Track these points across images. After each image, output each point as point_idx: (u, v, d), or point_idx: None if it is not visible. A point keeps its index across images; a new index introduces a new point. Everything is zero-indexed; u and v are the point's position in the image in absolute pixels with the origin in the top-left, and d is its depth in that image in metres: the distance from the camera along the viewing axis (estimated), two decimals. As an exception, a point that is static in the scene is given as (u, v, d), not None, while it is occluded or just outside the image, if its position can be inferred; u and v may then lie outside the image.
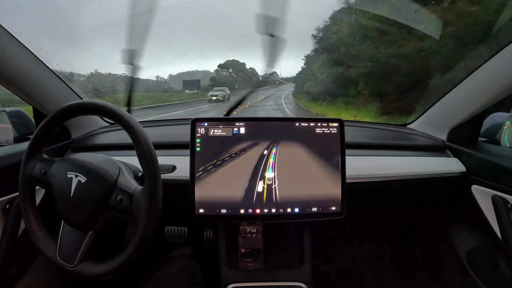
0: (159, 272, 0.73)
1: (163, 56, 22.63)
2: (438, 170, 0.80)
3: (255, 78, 15.48)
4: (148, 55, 1.10)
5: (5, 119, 0.81)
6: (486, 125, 0.85)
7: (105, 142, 0.91)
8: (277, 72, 7.67)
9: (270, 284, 0.76)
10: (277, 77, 7.01)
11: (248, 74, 15.49)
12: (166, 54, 21.83)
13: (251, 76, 14.93)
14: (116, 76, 0.84)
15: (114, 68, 1.04)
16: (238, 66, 16.23)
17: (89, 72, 0.80)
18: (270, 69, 0.98)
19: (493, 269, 0.77)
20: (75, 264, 0.53)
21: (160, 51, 18.49)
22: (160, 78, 11.68)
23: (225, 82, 13.59)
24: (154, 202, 0.50)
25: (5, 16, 0.63)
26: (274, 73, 6.55)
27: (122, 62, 0.87)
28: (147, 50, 0.89)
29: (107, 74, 1.13)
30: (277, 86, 9.84)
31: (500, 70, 0.67)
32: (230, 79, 14.87)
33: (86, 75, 0.80)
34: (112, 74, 1.12)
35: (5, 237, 0.69)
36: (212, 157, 0.67)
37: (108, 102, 0.54)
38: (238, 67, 16.11)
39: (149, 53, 5.56)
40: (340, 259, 1.11)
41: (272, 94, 8.99)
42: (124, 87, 0.88)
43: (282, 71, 11.56)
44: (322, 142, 0.69)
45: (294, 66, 19.77)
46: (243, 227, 0.78)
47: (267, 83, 8.93)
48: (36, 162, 0.58)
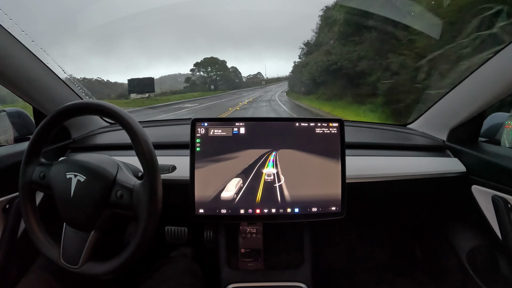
0: (159, 272, 0.73)
1: (138, 61, 22.69)
2: (438, 170, 0.80)
3: (238, 78, 14.05)
4: (124, 60, 1.09)
5: (5, 119, 0.81)
6: (486, 125, 0.85)
7: (105, 142, 0.91)
8: (262, 72, 7.40)
9: (270, 284, 0.76)
10: (262, 77, 6.76)
11: (229, 74, 14.10)
12: (141, 59, 21.83)
13: (233, 76, 13.65)
14: (92, 80, 0.84)
15: (88, 72, 1.01)
16: (218, 65, 14.92)
17: (64, 77, 0.81)
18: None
19: (493, 269, 0.77)
20: (79, 265, 0.53)
21: (136, 55, 18.46)
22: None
23: (203, 83, 12.28)
24: (154, 201, 0.50)
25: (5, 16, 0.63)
26: (259, 74, 6.36)
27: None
28: (123, 55, 0.88)
29: (82, 78, 1.10)
30: (263, 86, 9.36)
31: (500, 70, 0.67)
32: (209, 79, 13.40)
33: (63, 79, 0.81)
34: (87, 78, 1.09)
35: (5, 237, 0.69)
36: (212, 157, 0.67)
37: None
38: (218, 65, 14.86)
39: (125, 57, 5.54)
40: (340, 259, 1.11)
41: (259, 97, 8.06)
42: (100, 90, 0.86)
43: (268, 71, 11.25)
44: (322, 142, 0.69)
45: (280, 67, 19.72)
46: (243, 227, 0.78)
47: (252, 83, 8.42)
48: (35, 166, 0.58)
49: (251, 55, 59.16)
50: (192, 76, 13.51)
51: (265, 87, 9.11)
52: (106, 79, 3.52)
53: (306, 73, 8.16)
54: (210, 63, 14.39)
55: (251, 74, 10.12)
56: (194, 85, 11.37)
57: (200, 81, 12.96)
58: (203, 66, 14.34)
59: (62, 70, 0.81)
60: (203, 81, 13.04)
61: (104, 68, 34.51)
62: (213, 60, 14.80)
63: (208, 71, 14.13)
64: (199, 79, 13.25)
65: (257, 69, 27.98)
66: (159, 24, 27.54)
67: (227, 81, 13.62)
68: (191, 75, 13.50)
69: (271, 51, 17.58)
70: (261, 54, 56.09)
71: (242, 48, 19.20)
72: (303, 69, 8.27)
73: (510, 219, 0.67)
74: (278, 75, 9.82)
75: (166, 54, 35.20)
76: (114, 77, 10.55)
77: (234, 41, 20.46)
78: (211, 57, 15.40)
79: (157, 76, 18.96)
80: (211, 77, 13.48)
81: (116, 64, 10.02)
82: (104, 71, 26.80)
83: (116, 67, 9.32)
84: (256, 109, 7.30)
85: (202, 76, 13.66)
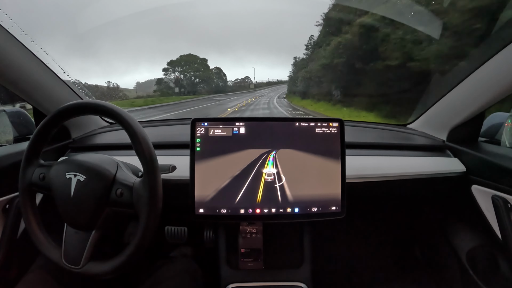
0: (159, 272, 0.73)
1: (118, 66, 22.46)
2: (438, 170, 0.80)
3: (222, 81, 10.91)
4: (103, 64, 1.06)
5: (5, 119, 0.81)
6: (486, 125, 0.85)
7: (105, 142, 0.91)
8: (250, 76, 6.28)
9: (270, 284, 0.76)
10: (250, 81, 5.69)
11: (211, 75, 11.11)
12: (121, 63, 21.48)
13: (216, 78, 10.42)
14: (70, 82, 0.84)
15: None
16: (198, 64, 11.67)
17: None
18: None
19: (493, 269, 0.77)
20: (81, 266, 0.53)
21: (115, 60, 18.03)
22: (112, 83, 8.98)
23: (182, 86, 9.28)
24: (154, 198, 0.50)
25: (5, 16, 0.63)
26: (247, 77, 5.25)
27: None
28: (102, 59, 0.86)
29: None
30: (253, 90, 8.06)
31: (500, 70, 0.67)
32: (186, 81, 10.82)
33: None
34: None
35: (5, 237, 0.69)
36: (212, 157, 0.67)
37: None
38: (198, 64, 11.60)
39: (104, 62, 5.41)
40: (340, 259, 1.11)
41: (250, 105, 6.28)
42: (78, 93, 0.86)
43: (257, 75, 9.75)
44: (322, 142, 0.69)
45: (267, 71, 19.14)
46: (243, 227, 0.78)
47: (240, 87, 6.86)
48: (35, 168, 0.58)
49: (238, 60, 56.02)
50: (165, 78, 10.90)
51: (254, 91, 7.92)
52: (84, 82, 3.37)
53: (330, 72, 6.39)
54: (188, 62, 11.49)
55: (238, 78, 8.59)
56: (169, 88, 9.60)
57: (179, 83, 10.22)
58: (179, 65, 11.43)
59: (62, 70, 0.82)
60: (181, 83, 10.34)
61: (83, 70, 33.86)
62: (191, 58, 11.88)
63: (183, 70, 10.97)
64: (178, 82, 10.43)
65: (245, 73, 26.77)
66: (139, 29, 27.24)
67: (208, 84, 11.00)
68: (164, 77, 10.76)
69: (257, 56, 16.77)
70: (244, 59, 54.25)
71: (227, 53, 18.32)
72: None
73: (510, 219, 0.67)
74: (268, 79, 8.68)
75: (145, 57, 34.73)
76: (95, 81, 10.18)
77: (218, 46, 19.48)
78: (188, 54, 12.28)
79: (142, 80, 17.31)
80: (189, 79, 10.66)
81: (94, 67, 9.71)
82: (84, 73, 26.14)
83: (94, 71, 8.96)
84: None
85: (179, 78, 10.84)
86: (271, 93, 7.04)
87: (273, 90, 8.16)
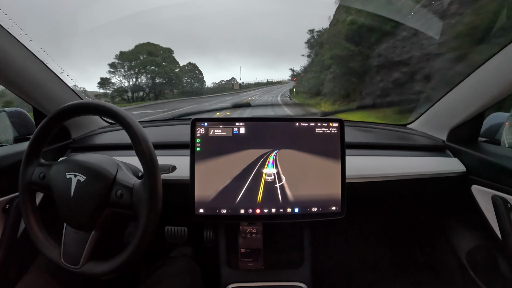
0: (159, 272, 0.73)
1: (93, 73, 22.23)
2: (438, 170, 0.80)
3: (198, 81, 7.33)
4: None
5: (5, 119, 0.81)
6: (486, 125, 0.85)
7: (105, 142, 0.91)
8: (236, 78, 4.90)
9: (270, 284, 0.76)
10: (236, 83, 4.52)
11: (180, 73, 7.51)
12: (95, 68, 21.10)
13: (188, 77, 6.71)
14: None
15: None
16: (159, 56, 7.82)
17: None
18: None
19: (493, 269, 0.77)
20: (80, 266, 0.53)
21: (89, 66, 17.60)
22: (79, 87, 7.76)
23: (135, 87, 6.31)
24: (154, 199, 0.50)
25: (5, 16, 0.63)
26: (233, 79, 4.02)
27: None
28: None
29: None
30: (237, 92, 6.32)
31: (500, 70, 0.67)
32: (145, 80, 7.06)
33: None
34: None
35: (5, 237, 0.69)
36: (212, 157, 0.67)
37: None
38: (160, 57, 7.80)
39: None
40: (340, 259, 1.11)
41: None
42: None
43: (243, 76, 8.25)
44: (322, 142, 0.69)
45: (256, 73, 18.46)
46: (243, 227, 0.78)
47: (222, 89, 5.33)
48: (35, 167, 0.58)
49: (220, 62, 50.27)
50: (112, 77, 6.95)
51: (239, 92, 6.12)
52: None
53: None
54: (146, 54, 7.71)
55: (223, 80, 6.90)
56: (118, 91, 5.99)
57: (134, 84, 6.63)
58: (133, 58, 7.62)
59: (61, 70, 0.82)
60: (136, 84, 6.69)
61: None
62: (151, 47, 7.92)
63: (136, 64, 7.09)
64: (132, 82, 6.69)
65: (231, 75, 25.37)
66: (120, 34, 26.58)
67: (176, 84, 7.45)
68: (111, 76, 6.89)
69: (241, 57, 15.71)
70: (230, 61, 51.12)
71: (207, 54, 17.30)
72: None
73: (510, 219, 0.67)
74: (257, 80, 7.61)
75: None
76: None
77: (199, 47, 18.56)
78: (147, 43, 8.24)
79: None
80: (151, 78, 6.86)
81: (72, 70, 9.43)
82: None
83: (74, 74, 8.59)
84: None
85: (132, 76, 6.95)
86: (265, 95, 5.34)
87: (267, 92, 6.26)
